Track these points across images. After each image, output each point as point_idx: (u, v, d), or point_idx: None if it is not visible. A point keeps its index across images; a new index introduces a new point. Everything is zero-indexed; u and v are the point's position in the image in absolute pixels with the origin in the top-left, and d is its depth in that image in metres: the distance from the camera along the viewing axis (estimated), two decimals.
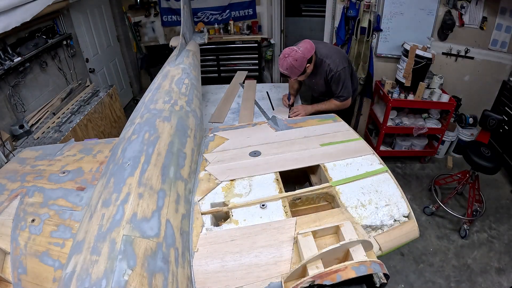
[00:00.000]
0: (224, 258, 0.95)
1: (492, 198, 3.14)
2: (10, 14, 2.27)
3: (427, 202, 3.11)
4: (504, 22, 3.10)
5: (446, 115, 3.39)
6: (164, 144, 1.26)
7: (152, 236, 0.89)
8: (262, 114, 2.39)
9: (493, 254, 2.60)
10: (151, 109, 1.49)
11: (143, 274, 0.79)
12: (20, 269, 0.99)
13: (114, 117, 3.33)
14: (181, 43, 2.34)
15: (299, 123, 1.73)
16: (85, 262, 0.82)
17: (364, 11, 3.36)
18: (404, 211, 1.12)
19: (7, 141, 2.25)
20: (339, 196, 1.18)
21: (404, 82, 3.24)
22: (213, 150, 1.49)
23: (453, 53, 3.41)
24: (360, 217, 1.10)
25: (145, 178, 1.07)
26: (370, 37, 3.46)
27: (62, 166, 1.41)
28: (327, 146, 1.47)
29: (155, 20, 4.80)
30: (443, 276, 2.43)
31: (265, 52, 4.90)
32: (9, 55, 2.46)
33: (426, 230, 2.82)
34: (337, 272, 0.81)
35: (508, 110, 3.22)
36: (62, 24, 3.20)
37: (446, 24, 3.27)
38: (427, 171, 3.57)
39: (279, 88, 2.87)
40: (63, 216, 1.13)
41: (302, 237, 0.97)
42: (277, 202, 1.15)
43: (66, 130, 2.58)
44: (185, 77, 1.91)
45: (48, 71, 2.97)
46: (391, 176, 1.26)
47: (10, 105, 2.51)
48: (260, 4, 4.67)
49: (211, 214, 1.12)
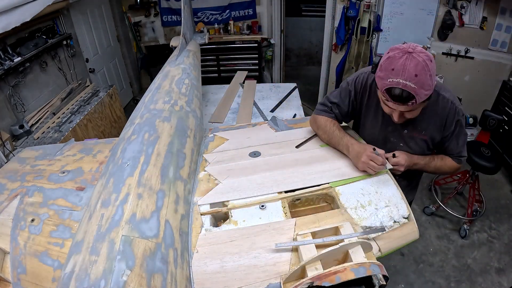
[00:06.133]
0: (223, 258, 0.95)
1: (492, 198, 3.13)
2: (10, 14, 2.27)
3: (427, 202, 3.11)
4: (504, 22, 3.10)
5: None
6: (163, 145, 1.26)
7: (151, 237, 0.89)
8: (260, 115, 2.39)
9: (493, 254, 2.60)
10: (151, 109, 1.49)
11: (142, 274, 0.79)
12: (19, 268, 0.99)
13: (114, 117, 3.33)
14: (182, 43, 2.34)
15: (299, 123, 1.73)
16: (84, 262, 0.82)
17: (364, 11, 3.36)
18: (404, 213, 1.12)
19: (7, 141, 2.26)
20: (338, 197, 1.18)
21: None
22: (212, 151, 1.49)
23: (453, 53, 3.41)
24: (360, 218, 1.09)
25: (144, 178, 1.07)
26: (370, 37, 3.46)
27: (62, 166, 1.42)
28: (327, 147, 1.46)
29: (155, 20, 4.80)
30: (443, 276, 2.42)
31: (265, 52, 4.90)
32: (9, 55, 2.46)
33: (426, 230, 2.82)
34: (336, 274, 0.81)
35: (508, 110, 3.21)
36: (62, 24, 3.20)
37: (446, 24, 3.27)
38: None
39: (279, 88, 2.87)
40: (62, 216, 1.13)
41: (302, 238, 0.97)
42: (276, 203, 1.15)
43: (66, 130, 2.58)
44: (185, 77, 1.90)
45: (48, 71, 2.97)
46: (391, 177, 1.26)
47: (10, 105, 2.51)
48: (260, 4, 4.67)
49: (210, 215, 1.12)
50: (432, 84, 1.07)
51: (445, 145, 1.36)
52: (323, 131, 1.43)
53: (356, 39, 3.48)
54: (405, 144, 1.37)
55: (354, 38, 3.49)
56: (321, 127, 1.44)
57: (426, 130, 1.31)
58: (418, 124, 1.30)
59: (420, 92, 1.04)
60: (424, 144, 1.35)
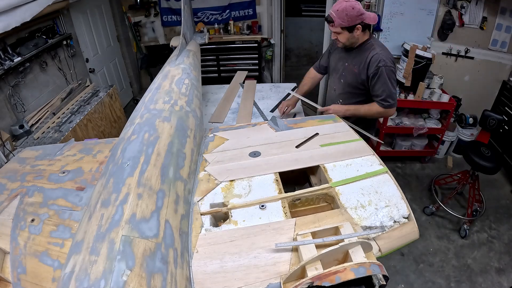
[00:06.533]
0: (223, 258, 0.95)
1: (492, 198, 3.14)
2: (10, 14, 2.28)
3: (427, 202, 3.11)
4: (504, 22, 3.10)
5: (446, 115, 3.39)
6: (163, 144, 1.26)
7: (151, 237, 0.89)
8: (260, 115, 2.39)
9: (493, 254, 2.60)
10: (151, 109, 1.49)
11: (142, 274, 0.79)
12: (19, 268, 0.99)
13: (114, 117, 3.33)
14: (182, 43, 2.34)
15: (299, 123, 1.73)
16: (84, 262, 0.82)
17: None
18: (404, 212, 1.12)
19: (7, 141, 2.25)
20: (338, 197, 1.18)
21: (404, 82, 3.24)
22: (212, 151, 1.49)
23: (453, 53, 3.41)
24: (360, 218, 1.09)
25: (144, 178, 1.07)
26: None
27: (62, 166, 1.42)
28: (327, 147, 1.46)
29: (155, 20, 4.80)
30: (443, 276, 2.42)
31: (265, 52, 4.90)
32: (9, 55, 2.46)
33: (426, 230, 2.82)
34: (336, 274, 0.81)
35: (508, 110, 3.22)
36: (62, 24, 3.20)
37: (446, 24, 3.27)
38: (427, 171, 3.57)
39: (279, 88, 2.87)
40: (62, 216, 1.13)
41: (302, 238, 0.97)
42: (276, 202, 1.15)
43: (66, 130, 2.58)
44: (185, 77, 1.90)
45: (48, 71, 2.97)
46: (391, 177, 1.26)
47: (10, 105, 2.51)
48: (260, 4, 4.67)
49: (210, 215, 1.12)
50: (346, 19, 1.75)
51: (371, 84, 1.88)
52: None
53: None
54: (346, 73, 2.00)
55: None
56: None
57: (356, 66, 1.91)
58: (352, 61, 1.93)
59: (337, 20, 1.77)
60: (354, 77, 1.95)
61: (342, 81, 2.03)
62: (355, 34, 1.81)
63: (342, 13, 1.74)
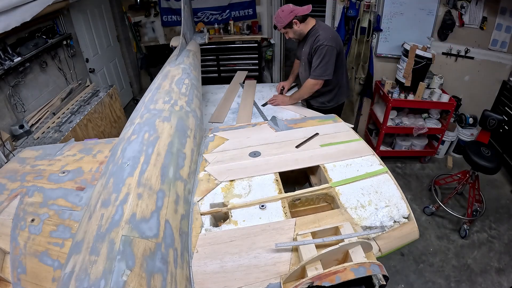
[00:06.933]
0: (223, 258, 0.95)
1: (492, 198, 3.13)
2: (10, 14, 2.27)
3: (427, 202, 3.11)
4: (504, 22, 3.10)
5: (446, 115, 3.39)
6: (163, 144, 1.26)
7: (151, 237, 0.89)
8: (260, 115, 2.38)
9: (493, 254, 2.60)
10: (151, 109, 1.49)
11: (142, 274, 0.79)
12: (19, 268, 0.99)
13: (114, 117, 3.33)
14: (182, 43, 2.34)
15: (299, 123, 1.73)
16: (84, 262, 0.82)
17: (364, 11, 3.35)
18: (404, 212, 1.12)
19: (7, 141, 2.25)
20: (338, 197, 1.18)
21: (404, 82, 3.23)
22: (212, 151, 1.49)
23: (453, 53, 3.41)
24: (360, 218, 1.09)
25: (144, 178, 1.07)
26: (370, 37, 3.46)
27: (62, 166, 1.42)
28: (327, 147, 1.47)
29: (155, 20, 4.80)
30: (443, 276, 2.42)
31: (265, 52, 4.89)
32: (9, 55, 2.45)
33: (426, 230, 2.82)
34: (336, 274, 0.81)
35: (508, 110, 3.22)
36: (62, 24, 3.20)
37: (446, 24, 3.27)
38: (427, 171, 3.57)
39: None
40: (62, 216, 1.13)
41: (302, 238, 0.97)
42: (276, 203, 1.15)
43: (66, 130, 2.58)
44: (185, 77, 1.91)
45: (48, 71, 2.97)
46: (391, 177, 1.26)
47: (10, 105, 2.51)
48: (260, 4, 4.67)
49: (210, 215, 1.12)
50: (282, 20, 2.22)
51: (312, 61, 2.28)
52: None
53: (356, 39, 3.48)
54: (304, 57, 2.38)
55: (354, 38, 3.49)
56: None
57: (308, 49, 2.29)
58: (307, 48, 2.31)
59: (278, 24, 2.27)
60: (306, 57, 2.35)
61: (303, 64, 2.47)
62: (296, 28, 2.25)
63: (278, 17, 2.23)
